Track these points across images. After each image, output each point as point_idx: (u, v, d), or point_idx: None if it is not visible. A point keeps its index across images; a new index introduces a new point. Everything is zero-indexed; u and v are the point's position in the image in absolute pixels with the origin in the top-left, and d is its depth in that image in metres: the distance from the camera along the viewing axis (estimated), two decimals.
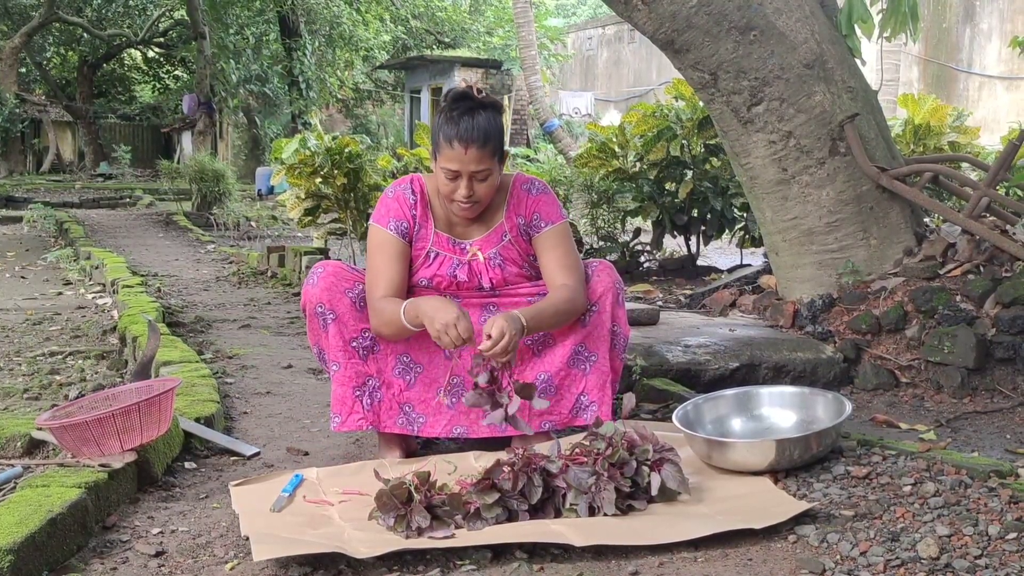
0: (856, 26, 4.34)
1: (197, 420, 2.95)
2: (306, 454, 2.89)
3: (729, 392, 2.90)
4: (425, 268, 2.77)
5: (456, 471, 2.55)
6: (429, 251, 2.77)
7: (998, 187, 4.55)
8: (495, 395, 2.48)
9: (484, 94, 2.67)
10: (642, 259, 6.80)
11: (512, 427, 2.54)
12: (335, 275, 2.73)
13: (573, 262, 2.76)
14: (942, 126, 6.68)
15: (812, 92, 4.08)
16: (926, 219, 4.61)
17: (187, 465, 2.75)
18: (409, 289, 2.78)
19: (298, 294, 6.38)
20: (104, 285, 6.90)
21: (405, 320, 2.57)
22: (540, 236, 2.77)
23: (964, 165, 5.78)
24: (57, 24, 23.77)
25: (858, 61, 4.34)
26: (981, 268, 4.04)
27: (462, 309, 2.50)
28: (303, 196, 6.75)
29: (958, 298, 3.90)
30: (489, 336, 2.43)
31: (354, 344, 2.72)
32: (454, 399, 2.78)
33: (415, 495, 2.19)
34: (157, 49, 28.13)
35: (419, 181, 2.81)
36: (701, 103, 5.39)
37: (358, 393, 2.73)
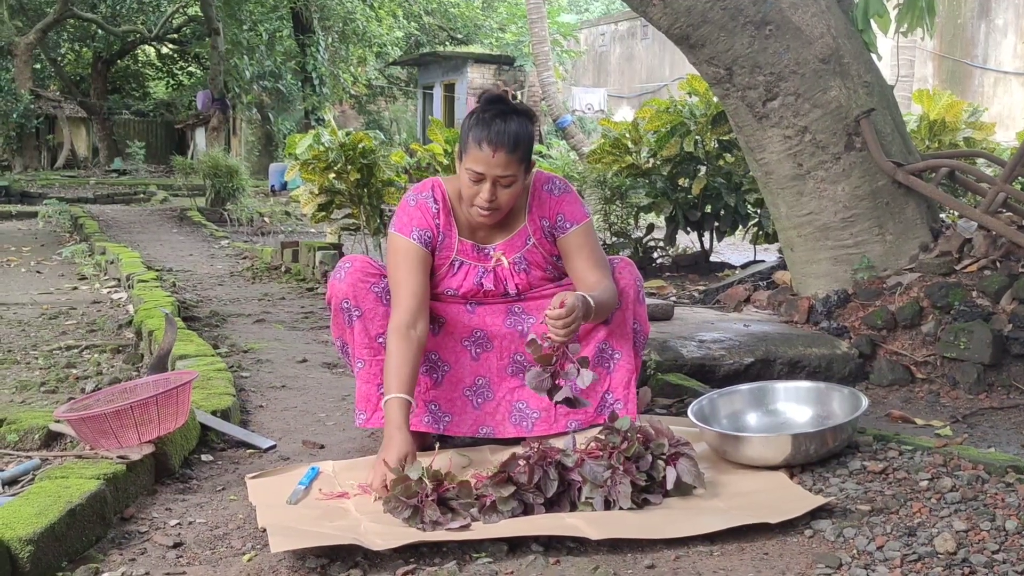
0: (872, 21, 4.32)
1: (213, 413, 2.97)
2: (322, 447, 2.90)
3: (744, 387, 2.90)
4: (451, 278, 2.76)
5: (471, 464, 2.56)
6: (454, 260, 2.75)
7: (1014, 183, 4.52)
8: (557, 374, 2.45)
9: (519, 100, 2.64)
10: (655, 255, 6.79)
11: (575, 405, 2.50)
12: (361, 270, 2.73)
13: (602, 260, 2.74)
14: (957, 122, 6.64)
15: (828, 87, 4.07)
16: (942, 215, 4.59)
17: (204, 458, 2.77)
18: (435, 297, 2.77)
19: (311, 289, 6.40)
20: (119, 280, 6.93)
21: (383, 404, 2.53)
22: (566, 237, 2.73)
23: (980, 161, 5.76)
24: (72, 20, 23.84)
25: (873, 56, 4.33)
26: (997, 264, 4.02)
27: (404, 455, 2.39)
28: (317, 192, 6.76)
29: (974, 294, 3.89)
30: (562, 305, 2.40)
31: (380, 340, 2.72)
32: (480, 400, 2.78)
33: (426, 486, 2.20)
34: (171, 45, 28.21)
35: (440, 187, 2.76)
36: (715, 99, 5.38)
37: (382, 390, 2.72)
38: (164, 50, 29.10)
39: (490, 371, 2.78)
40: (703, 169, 6.30)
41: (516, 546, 2.08)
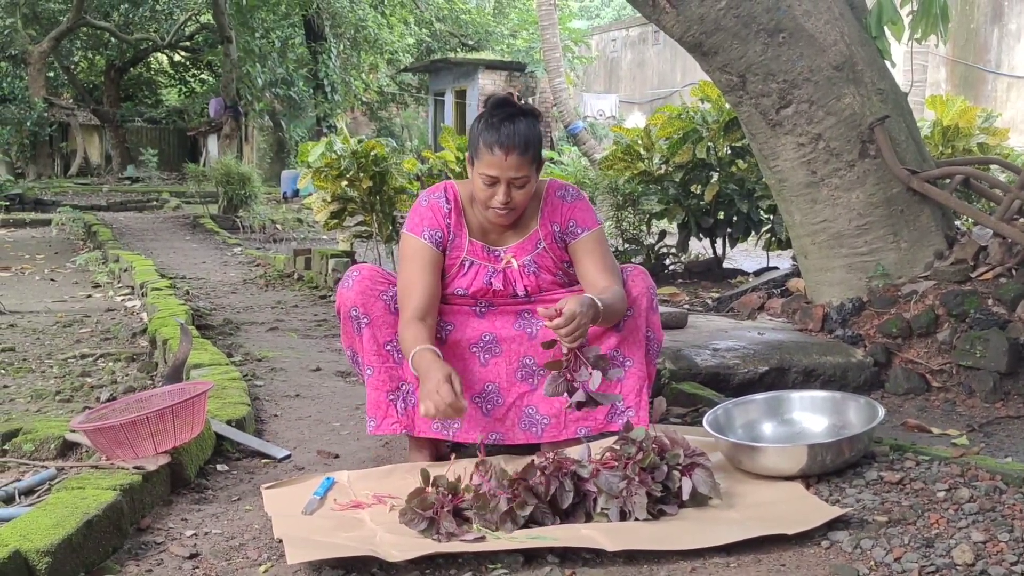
0: (886, 28, 4.31)
1: (228, 423, 2.97)
2: (336, 457, 2.90)
3: (760, 396, 2.89)
4: (461, 278, 2.77)
5: None
6: (464, 260, 2.77)
7: None
8: (573, 378, 2.46)
9: (524, 102, 2.70)
10: (667, 262, 6.78)
11: (596, 404, 2.53)
12: (370, 279, 2.74)
13: (612, 265, 2.76)
14: (971, 128, 6.60)
15: (841, 94, 4.06)
16: (957, 222, 4.57)
17: (219, 467, 2.77)
18: (445, 299, 2.78)
19: (324, 297, 6.41)
20: (133, 288, 6.95)
21: (412, 367, 2.56)
22: (577, 242, 2.77)
23: (993, 167, 5.73)
24: (85, 28, 23.90)
25: (887, 63, 4.31)
26: (1013, 271, 4.00)
27: (448, 374, 2.45)
28: (329, 199, 6.77)
29: (990, 302, 3.86)
30: (560, 313, 2.40)
31: (388, 347, 2.73)
32: (489, 406, 2.78)
33: (441, 500, 2.20)
34: (183, 53, 28.30)
35: (452, 189, 2.81)
36: (728, 105, 5.37)
37: (392, 397, 2.75)
38: (177, 58, 29.21)
39: (499, 377, 2.78)
40: (715, 175, 6.30)
41: (532, 557, 2.08)
